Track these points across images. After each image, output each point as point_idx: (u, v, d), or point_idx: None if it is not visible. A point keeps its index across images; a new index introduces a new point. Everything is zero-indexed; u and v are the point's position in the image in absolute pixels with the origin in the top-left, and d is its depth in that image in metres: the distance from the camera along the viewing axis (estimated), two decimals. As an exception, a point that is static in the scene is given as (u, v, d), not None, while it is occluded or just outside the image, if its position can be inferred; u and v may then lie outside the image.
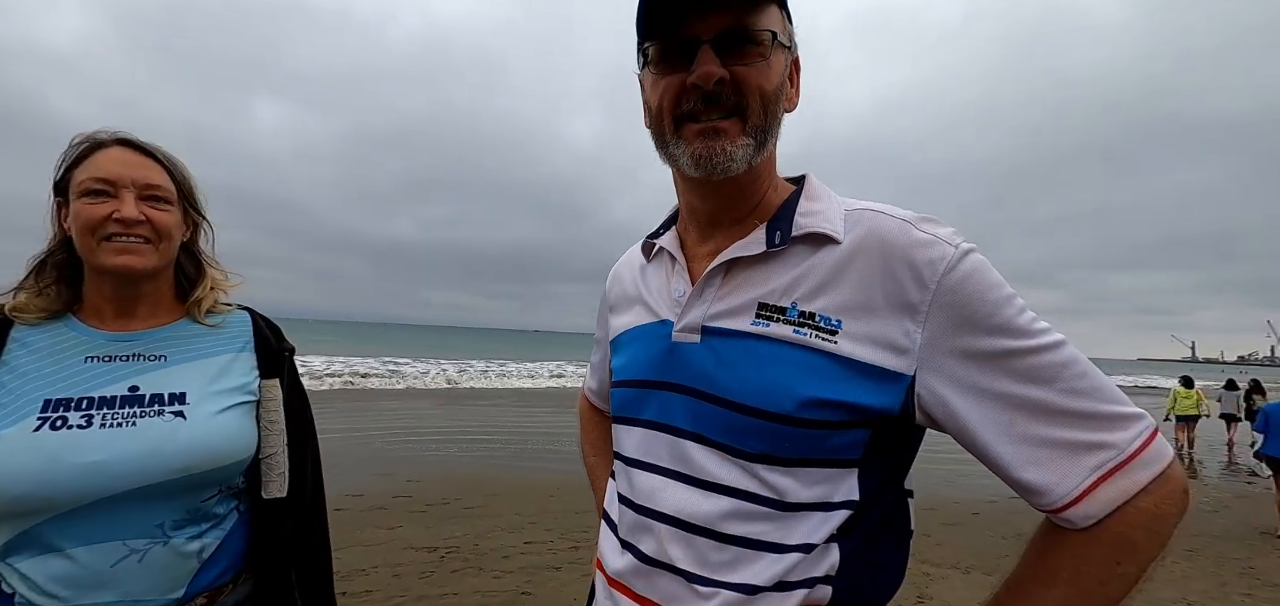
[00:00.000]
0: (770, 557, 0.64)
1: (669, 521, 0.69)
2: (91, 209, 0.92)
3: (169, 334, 1.03)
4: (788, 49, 0.70)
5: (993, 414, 0.60)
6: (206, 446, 0.94)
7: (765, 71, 0.66)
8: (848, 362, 0.63)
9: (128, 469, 0.88)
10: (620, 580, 0.75)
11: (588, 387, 1.18)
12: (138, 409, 0.93)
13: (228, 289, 1.13)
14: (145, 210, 0.96)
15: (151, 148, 1.00)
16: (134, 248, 0.95)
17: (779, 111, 0.70)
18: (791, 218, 0.70)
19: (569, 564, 3.98)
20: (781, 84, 0.69)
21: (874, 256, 0.64)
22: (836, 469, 0.65)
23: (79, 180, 0.94)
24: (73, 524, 0.86)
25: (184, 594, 0.93)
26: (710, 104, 0.66)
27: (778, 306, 0.67)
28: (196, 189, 1.07)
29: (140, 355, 0.98)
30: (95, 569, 0.86)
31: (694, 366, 0.70)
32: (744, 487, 0.66)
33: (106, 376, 0.94)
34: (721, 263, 0.72)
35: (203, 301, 1.07)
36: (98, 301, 1.00)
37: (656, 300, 0.80)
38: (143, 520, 0.90)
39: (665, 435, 0.72)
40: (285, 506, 1.05)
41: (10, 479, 0.82)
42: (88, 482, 0.86)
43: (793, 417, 0.63)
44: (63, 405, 0.89)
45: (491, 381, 18.46)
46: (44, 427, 0.86)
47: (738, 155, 0.67)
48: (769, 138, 0.69)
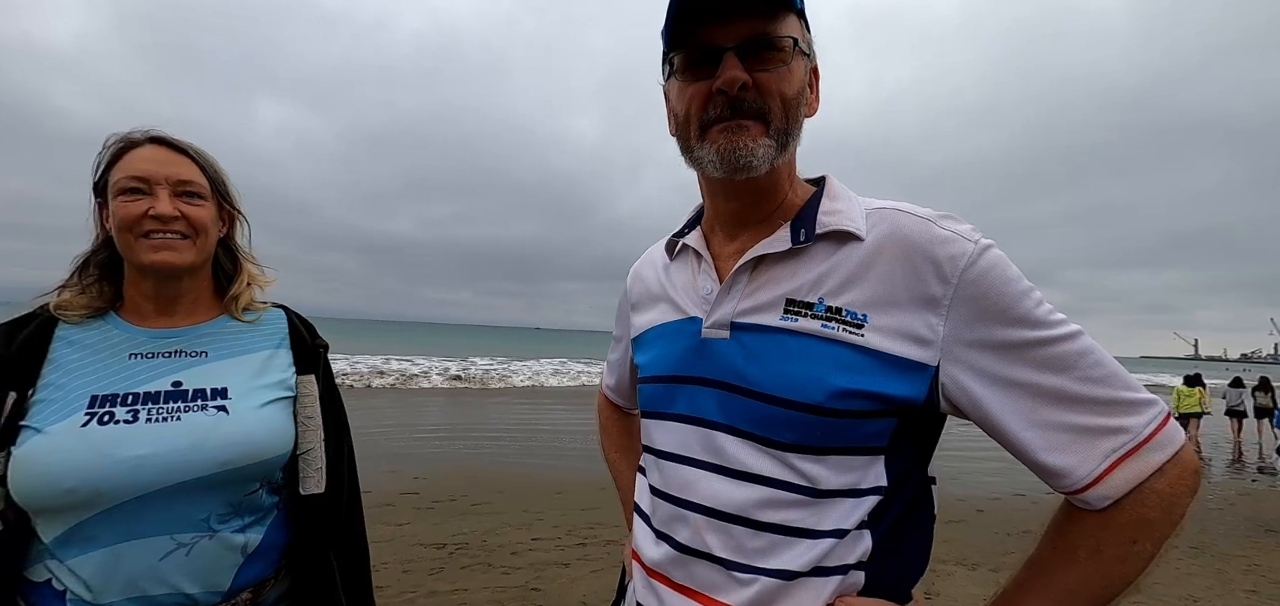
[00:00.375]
0: (805, 543, 0.67)
1: (704, 511, 0.72)
2: (128, 207, 0.94)
3: (209, 330, 1.05)
4: (807, 56, 0.73)
5: (1014, 401, 0.63)
6: (250, 440, 0.96)
7: (787, 76, 0.69)
8: (874, 354, 0.66)
9: (174, 462, 0.90)
10: (659, 570, 0.77)
11: (606, 385, 1.20)
12: (182, 404, 0.95)
13: (263, 284, 1.15)
14: (180, 206, 0.98)
15: (184, 144, 1.02)
16: (171, 243, 0.97)
17: (800, 116, 0.73)
18: (815, 216, 0.73)
19: (578, 560, 4.01)
20: (802, 89, 0.72)
21: (897, 253, 0.67)
22: (865, 456, 0.68)
23: (115, 180, 0.96)
24: (121, 518, 0.87)
25: (229, 587, 0.95)
26: (735, 109, 0.69)
27: (805, 302, 0.70)
28: (229, 183, 1.09)
29: (182, 351, 1.00)
30: (144, 563, 0.88)
31: (724, 361, 0.73)
32: (777, 476, 0.68)
33: (150, 372, 0.96)
34: (749, 260, 0.75)
35: (240, 298, 1.09)
36: (138, 299, 1.02)
37: (683, 297, 0.83)
38: (190, 514, 0.92)
39: (697, 428, 0.75)
40: (324, 502, 1.06)
41: (61, 473, 0.84)
42: (136, 476, 0.87)
43: (824, 408, 0.66)
44: (109, 401, 0.91)
45: (495, 378, 18.50)
46: (92, 423, 0.88)
47: (760, 153, 0.70)
48: (790, 140, 0.72)
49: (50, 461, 0.84)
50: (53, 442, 0.85)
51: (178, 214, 0.97)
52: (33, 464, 0.84)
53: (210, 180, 1.04)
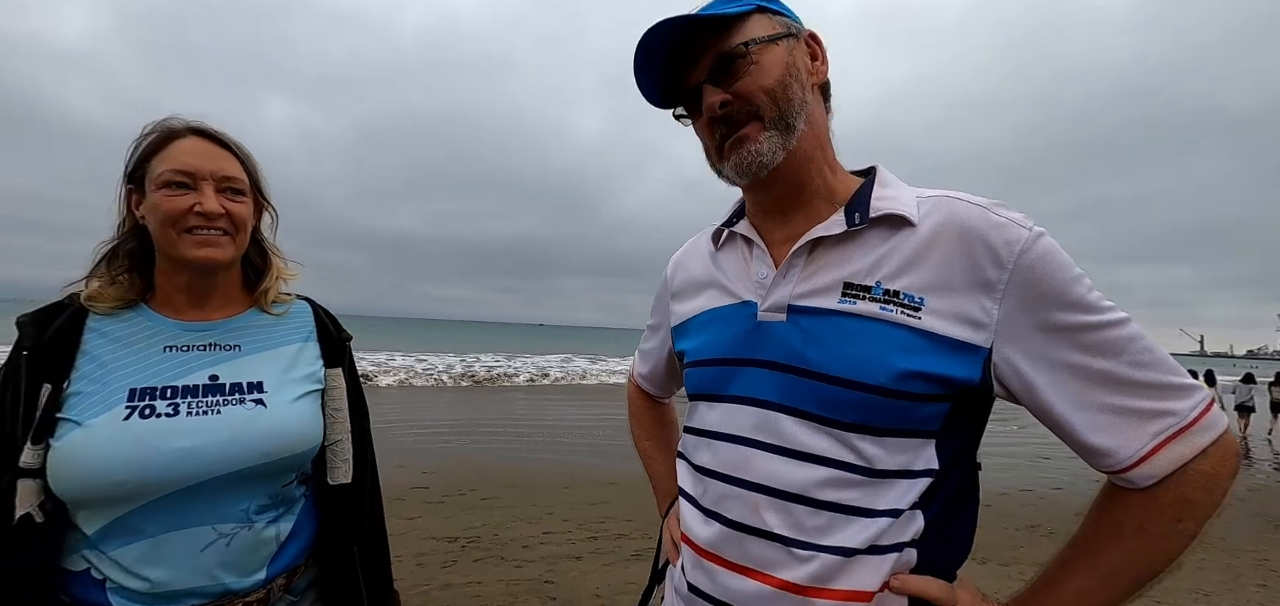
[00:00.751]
0: (862, 522, 0.70)
1: (762, 490, 0.74)
2: (173, 201, 0.93)
3: (241, 324, 1.05)
4: (788, 36, 0.77)
5: (1064, 383, 0.65)
6: (286, 433, 0.98)
7: (758, 73, 0.74)
8: (932, 337, 0.68)
9: (216, 455, 0.91)
10: (712, 549, 0.79)
11: (638, 373, 1.21)
12: (220, 397, 0.95)
13: (289, 277, 1.15)
14: (224, 202, 0.97)
15: (225, 138, 1.01)
16: (215, 240, 0.97)
17: (792, 95, 0.75)
18: (868, 201, 0.76)
19: (589, 553, 4.04)
20: (786, 70, 0.75)
21: (953, 239, 0.70)
22: (918, 438, 0.70)
23: (158, 172, 0.94)
24: (165, 510, 0.88)
25: (265, 575, 0.96)
26: (732, 123, 0.76)
27: (863, 285, 0.72)
28: (264, 177, 1.09)
29: (216, 345, 1.00)
30: (186, 553, 0.89)
31: (782, 343, 0.75)
32: (836, 456, 0.70)
33: (187, 365, 0.96)
34: (805, 244, 0.77)
35: (269, 291, 1.09)
36: (170, 291, 1.01)
37: (735, 283, 0.85)
38: (231, 505, 0.93)
39: (754, 408, 0.76)
40: (350, 491, 1.08)
41: (106, 466, 0.84)
42: (180, 468, 0.88)
43: (887, 389, 0.68)
44: (148, 394, 0.91)
45: (500, 374, 18.55)
46: (133, 416, 0.88)
47: (766, 149, 0.74)
48: (793, 121, 0.75)
49: (94, 455, 0.85)
50: (95, 436, 0.86)
51: (223, 211, 0.97)
52: (75, 458, 0.84)
53: (249, 175, 1.04)
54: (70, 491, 0.85)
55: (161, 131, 0.97)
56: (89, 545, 0.87)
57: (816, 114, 0.78)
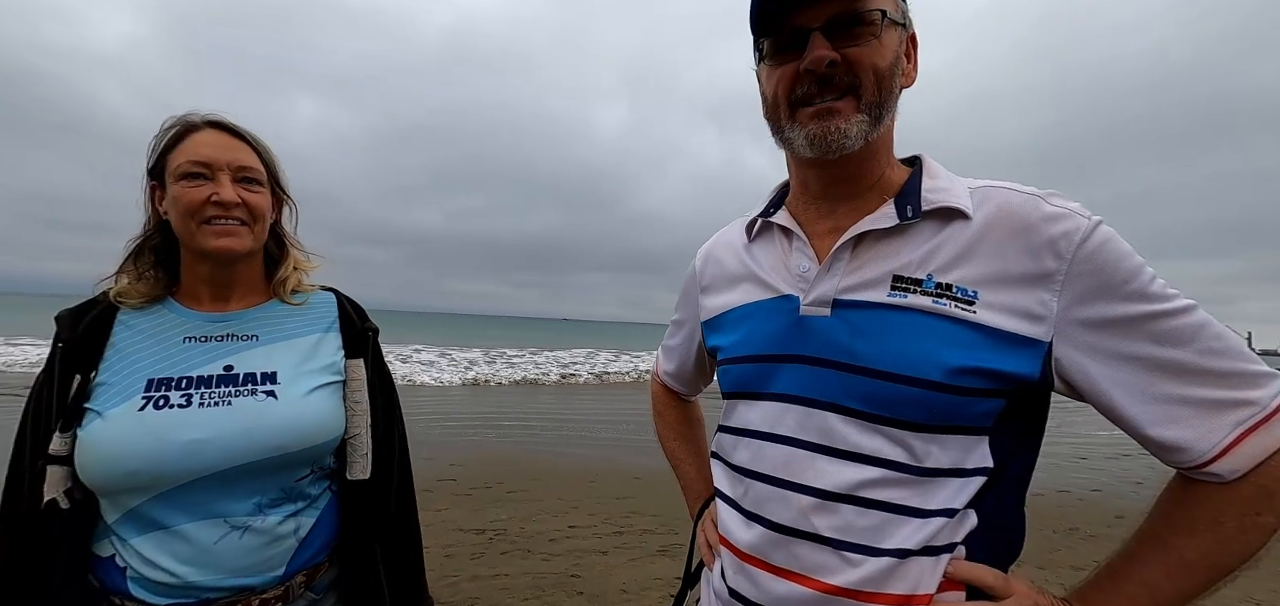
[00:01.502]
0: (915, 522, 0.67)
1: (809, 491, 0.71)
2: (191, 192, 0.94)
3: (259, 314, 1.05)
4: (901, 25, 0.72)
5: (1129, 376, 0.62)
6: (297, 426, 0.96)
7: (878, 49, 0.69)
8: (987, 331, 0.65)
9: (226, 447, 0.90)
10: (754, 553, 0.76)
11: (663, 371, 1.17)
12: (232, 388, 0.95)
13: (309, 268, 1.15)
14: (241, 192, 0.98)
15: (242, 129, 1.02)
16: (232, 229, 0.97)
17: (894, 87, 0.72)
18: (919, 193, 0.72)
19: (615, 548, 4.03)
20: (896, 60, 0.71)
21: (1007, 230, 0.67)
22: (971, 436, 0.68)
23: (175, 164, 0.95)
24: (178, 501, 0.88)
25: (283, 572, 0.95)
26: (824, 86, 0.70)
27: (913, 278, 0.70)
28: (281, 169, 1.09)
29: (233, 335, 1.00)
30: (200, 545, 0.89)
31: (827, 339, 0.73)
32: (887, 455, 0.68)
33: (203, 356, 0.97)
34: (851, 237, 0.73)
35: (287, 281, 1.09)
36: (194, 283, 1.02)
37: (773, 276, 0.81)
38: (242, 498, 0.92)
39: (798, 407, 0.74)
40: (370, 488, 1.05)
41: (121, 456, 0.86)
42: (191, 460, 0.88)
43: (941, 384, 0.66)
44: (164, 384, 0.92)
45: (524, 369, 18.71)
46: (148, 407, 0.89)
47: (852, 132, 0.70)
48: (885, 113, 0.72)
49: (110, 444, 0.86)
50: (113, 426, 0.87)
51: (239, 200, 0.97)
52: (95, 447, 0.86)
53: (266, 166, 1.04)
54: (92, 479, 0.87)
55: (180, 125, 0.98)
56: (113, 532, 0.89)
57: (895, 112, 0.76)
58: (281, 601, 0.95)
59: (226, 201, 0.96)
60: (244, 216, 0.99)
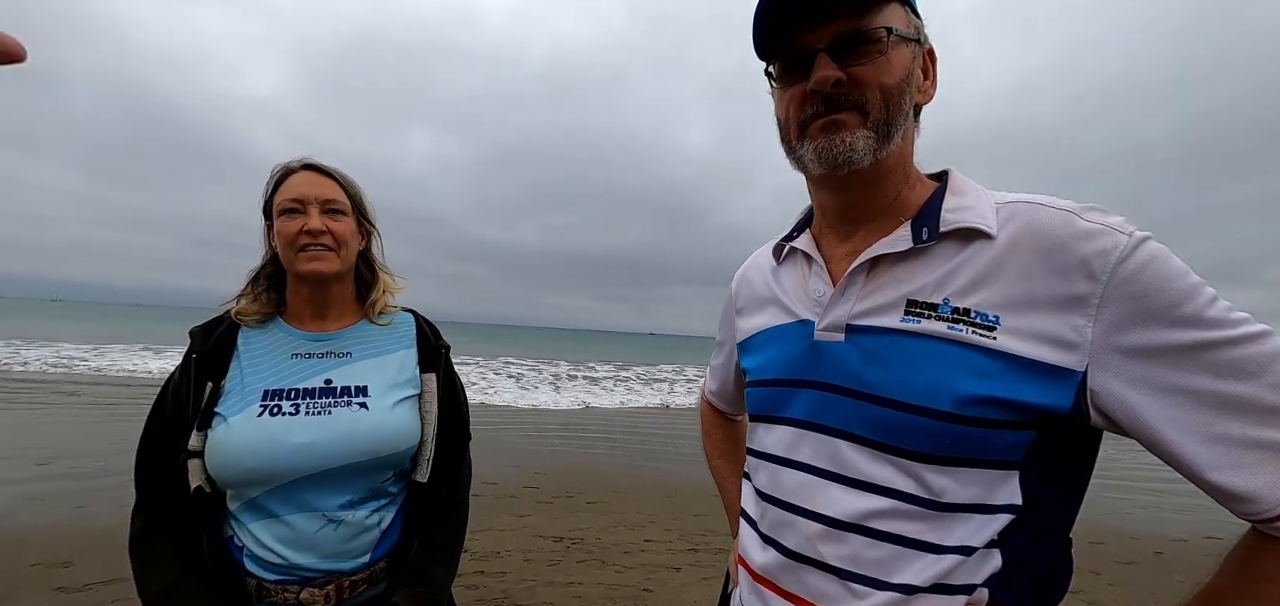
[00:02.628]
0: (928, 558, 0.64)
1: (819, 519, 0.70)
2: (288, 224, 1.10)
3: (352, 334, 1.19)
4: (915, 41, 0.69)
5: (1181, 412, 0.55)
6: (384, 435, 1.09)
7: (884, 67, 0.67)
8: (1008, 358, 0.61)
9: (327, 451, 1.04)
10: (766, 575, 0.76)
11: (709, 390, 1.19)
12: (331, 400, 1.09)
13: (396, 291, 1.29)
14: (326, 221, 1.12)
15: (328, 168, 1.17)
16: (320, 255, 1.11)
17: (904, 104, 0.70)
18: (938, 214, 0.69)
19: (689, 565, 4.00)
20: (906, 77, 0.69)
21: (1034, 250, 0.62)
22: (995, 470, 0.63)
23: (278, 203, 1.12)
24: (287, 495, 1.03)
25: (369, 559, 1.09)
26: (831, 105, 0.69)
27: (928, 303, 0.67)
28: (366, 200, 1.23)
29: (331, 352, 1.15)
30: (303, 533, 1.03)
31: (840, 365, 0.72)
32: (898, 487, 0.65)
33: (307, 371, 1.11)
34: (865, 261, 0.71)
35: (376, 303, 1.23)
36: (298, 305, 1.18)
37: (793, 300, 0.81)
38: (337, 495, 1.06)
39: (812, 433, 0.73)
40: (426, 490, 1.17)
41: (242, 455, 1.01)
42: (298, 460, 1.02)
43: (952, 415, 0.62)
44: (277, 395, 1.07)
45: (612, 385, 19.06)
46: (264, 414, 1.04)
47: (858, 145, 0.68)
48: (893, 130, 0.69)
49: (233, 445, 1.01)
50: (235, 430, 1.02)
51: (324, 228, 1.11)
52: (222, 447, 1.01)
53: (350, 198, 1.18)
54: (219, 474, 1.02)
55: (282, 171, 1.15)
56: (234, 517, 1.05)
57: (910, 133, 0.74)
58: (366, 583, 1.09)
59: (314, 229, 1.10)
60: (330, 243, 1.13)
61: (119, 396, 9.93)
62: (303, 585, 1.04)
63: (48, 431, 6.98)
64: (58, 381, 11.53)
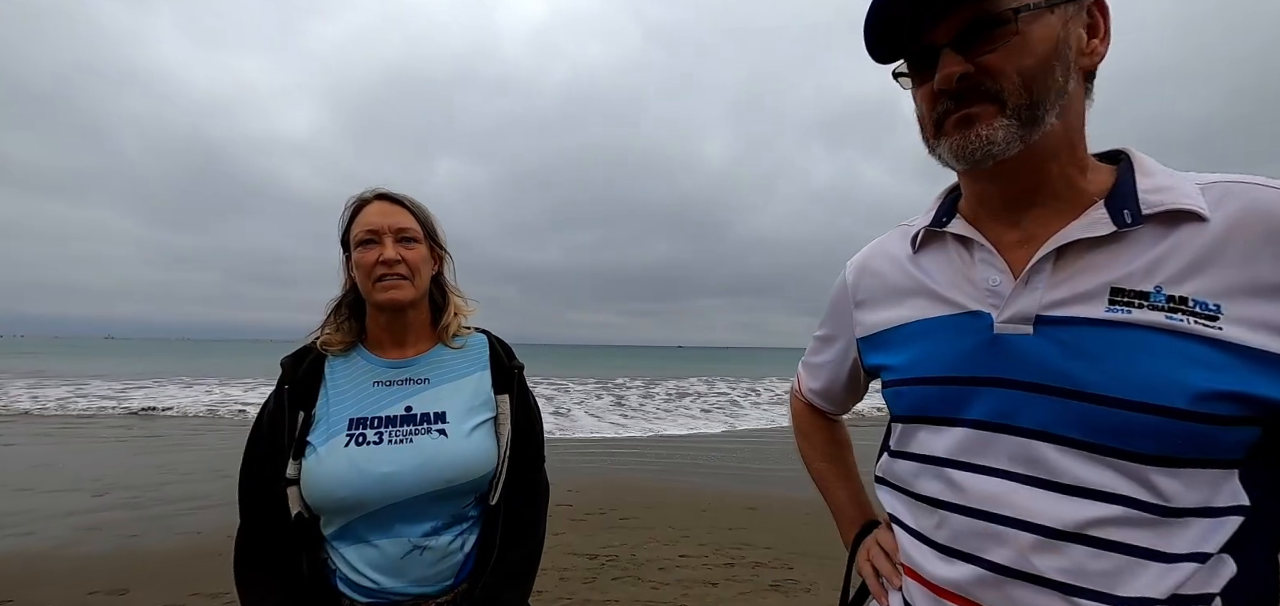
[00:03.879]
0: (1159, 567, 0.59)
1: (1027, 528, 0.64)
2: (365, 255, 1.13)
3: (429, 359, 1.21)
4: (1061, 4, 0.63)
5: None
6: (463, 461, 1.10)
7: (1020, 48, 0.62)
8: (1237, 349, 0.56)
9: (410, 479, 1.06)
10: (958, 592, 0.70)
11: (808, 389, 1.10)
12: (412, 427, 1.11)
13: (468, 313, 1.30)
14: (400, 250, 1.14)
15: (401, 197, 1.19)
16: (395, 284, 1.13)
17: (1052, 81, 0.63)
18: (1135, 194, 0.64)
19: (725, 580, 3.93)
20: (1053, 49, 0.63)
21: (1259, 232, 0.58)
22: (1219, 469, 0.59)
23: (355, 234, 1.15)
24: (376, 522, 1.06)
25: (453, 582, 1.11)
26: (962, 100, 0.65)
27: (1138, 291, 0.61)
28: (438, 227, 1.25)
29: (410, 379, 1.17)
30: (392, 558, 1.06)
31: (1033, 360, 0.65)
32: (1120, 491, 0.60)
33: (388, 398, 1.13)
34: (1055, 247, 0.66)
35: (449, 327, 1.25)
36: (377, 333, 1.20)
37: (952, 290, 0.75)
38: (423, 522, 1.08)
39: (1003, 435, 0.67)
40: (498, 511, 1.16)
41: (332, 485, 1.04)
42: (384, 489, 1.04)
43: (1186, 412, 0.57)
44: (361, 424, 1.09)
45: (638, 395, 19.02)
46: (351, 443, 1.06)
47: (997, 138, 0.64)
48: (1042, 112, 0.63)
49: (324, 474, 1.04)
50: (324, 460, 1.05)
51: (399, 257, 1.13)
52: (313, 477, 1.05)
53: (422, 225, 1.20)
54: (312, 501, 1.05)
55: (356, 203, 1.18)
56: (329, 542, 1.08)
57: (1075, 104, 0.66)
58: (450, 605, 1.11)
59: (389, 259, 1.12)
60: (404, 271, 1.14)
61: (171, 428, 10.33)
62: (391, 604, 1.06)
63: (103, 463, 7.31)
64: (110, 416, 12.07)
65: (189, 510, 5.29)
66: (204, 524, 4.86)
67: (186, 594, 3.51)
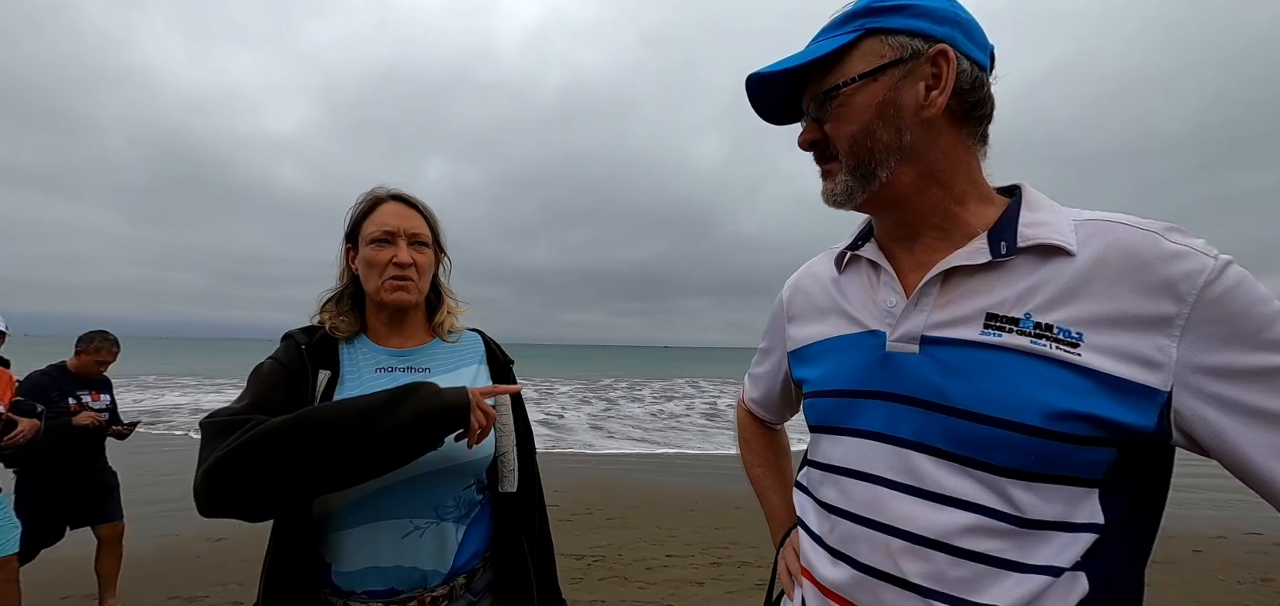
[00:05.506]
0: (1014, 577, 0.63)
1: (897, 533, 0.69)
2: (377, 254, 1.15)
3: (429, 351, 1.24)
4: (897, 64, 0.69)
5: (1265, 434, 0.56)
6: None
7: (843, 118, 0.72)
8: (1093, 374, 0.60)
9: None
10: (838, 592, 0.75)
11: (749, 398, 1.17)
12: None
13: (460, 313, 1.33)
14: (412, 254, 1.17)
15: (416, 201, 1.22)
16: (405, 285, 1.16)
17: (880, 140, 0.71)
18: (1016, 228, 0.68)
19: (712, 579, 3.95)
20: (876, 113, 0.70)
21: (1118, 269, 0.62)
22: (1077, 487, 0.63)
23: (367, 230, 1.16)
24: (373, 502, 1.05)
25: (450, 570, 1.11)
26: (819, 158, 0.78)
27: (1009, 317, 0.66)
28: (443, 231, 1.29)
29: (412, 367, 1.19)
30: (391, 538, 1.06)
31: (915, 376, 0.71)
32: (981, 501, 0.64)
33: (391, 383, 1.11)
34: (940, 272, 0.71)
35: (444, 324, 1.28)
36: (377, 325, 1.22)
37: (859, 310, 0.80)
38: (422, 502, 1.09)
39: (885, 445, 0.72)
40: (517, 499, 1.19)
41: None
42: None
43: (1040, 430, 0.61)
44: None
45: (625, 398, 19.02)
46: None
47: (839, 189, 0.75)
48: (874, 167, 0.72)
49: None
50: None
51: (411, 262, 1.16)
52: None
53: (432, 229, 1.24)
54: None
55: (371, 199, 1.20)
56: (322, 529, 1.06)
57: (929, 149, 0.71)
58: (447, 600, 1.10)
59: (403, 262, 1.15)
60: (414, 275, 1.17)
61: (145, 428, 10.13)
62: (389, 596, 1.05)
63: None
64: (88, 416, 11.79)
65: (165, 512, 5.21)
66: (181, 525, 4.78)
67: (165, 597, 3.46)
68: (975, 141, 0.73)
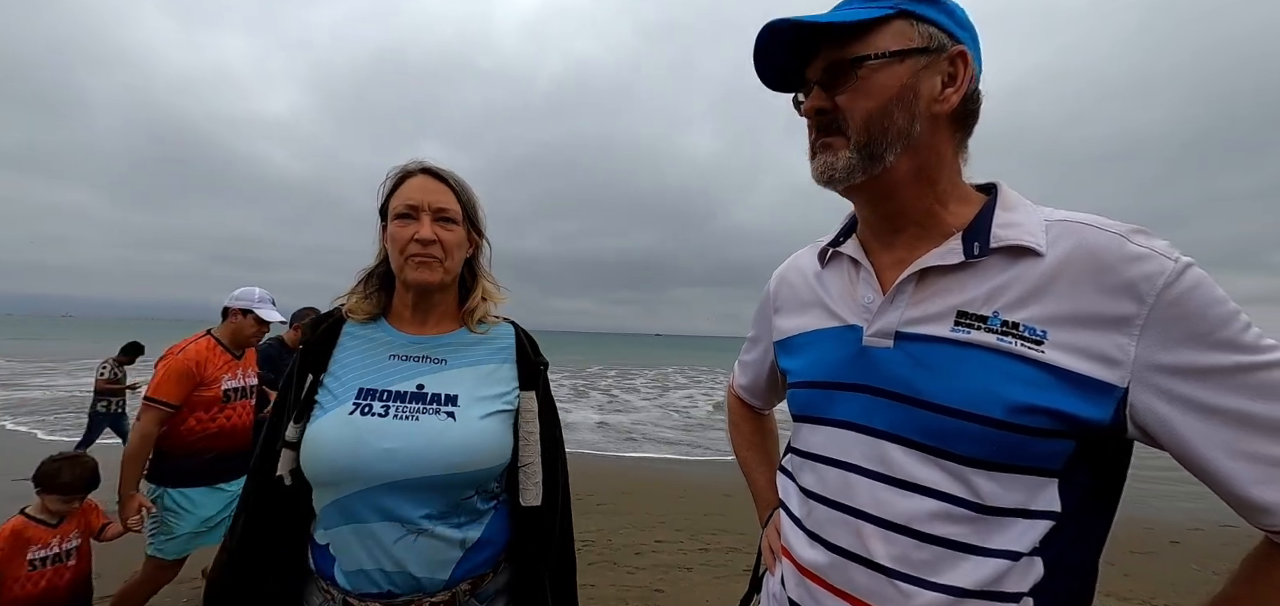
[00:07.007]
0: (974, 560, 0.66)
1: (868, 518, 0.72)
2: (400, 230, 1.08)
3: (450, 340, 1.15)
4: (922, 53, 0.70)
5: (1217, 430, 0.58)
6: (469, 448, 1.03)
7: (861, 93, 0.71)
8: (1055, 371, 0.63)
9: (413, 459, 0.99)
10: (815, 571, 0.78)
11: (738, 384, 1.19)
12: (421, 406, 1.04)
13: (497, 301, 1.24)
14: (437, 230, 1.09)
15: (445, 174, 1.13)
16: (428, 263, 1.09)
17: (895, 124, 0.71)
18: (989, 229, 0.71)
19: (700, 565, 3.99)
20: (896, 97, 0.70)
21: (1083, 270, 0.64)
22: (1037, 477, 0.65)
23: (393, 206, 1.10)
24: (371, 500, 0.99)
25: (449, 577, 1.03)
26: (821, 130, 0.76)
27: (978, 315, 0.68)
28: (479, 210, 1.20)
29: (427, 357, 1.11)
30: (383, 541, 0.98)
31: (888, 370, 0.73)
32: (946, 489, 0.67)
33: (402, 373, 1.08)
34: (915, 271, 0.73)
35: (475, 311, 1.19)
36: (401, 308, 1.16)
37: (839, 305, 0.83)
38: (417, 506, 1.00)
39: (860, 435, 0.75)
40: (540, 513, 1.11)
41: (330, 452, 0.98)
42: (383, 465, 0.98)
43: (1001, 422, 0.64)
44: (370, 394, 1.04)
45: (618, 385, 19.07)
46: (356, 412, 1.01)
47: (839, 165, 0.73)
48: (881, 150, 0.72)
49: (325, 439, 0.99)
50: (328, 424, 1.00)
51: (434, 238, 1.08)
52: (315, 440, 1.00)
53: (463, 206, 1.14)
54: (308, 468, 1.00)
55: (400, 174, 1.13)
56: (323, 521, 1.02)
57: (929, 144, 0.73)
58: (448, 605, 1.03)
59: (424, 238, 1.07)
60: (438, 252, 1.09)
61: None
62: (386, 598, 1.00)
63: (37, 457, 7.04)
64: (42, 403, 11.63)
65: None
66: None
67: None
68: (962, 146, 0.76)
